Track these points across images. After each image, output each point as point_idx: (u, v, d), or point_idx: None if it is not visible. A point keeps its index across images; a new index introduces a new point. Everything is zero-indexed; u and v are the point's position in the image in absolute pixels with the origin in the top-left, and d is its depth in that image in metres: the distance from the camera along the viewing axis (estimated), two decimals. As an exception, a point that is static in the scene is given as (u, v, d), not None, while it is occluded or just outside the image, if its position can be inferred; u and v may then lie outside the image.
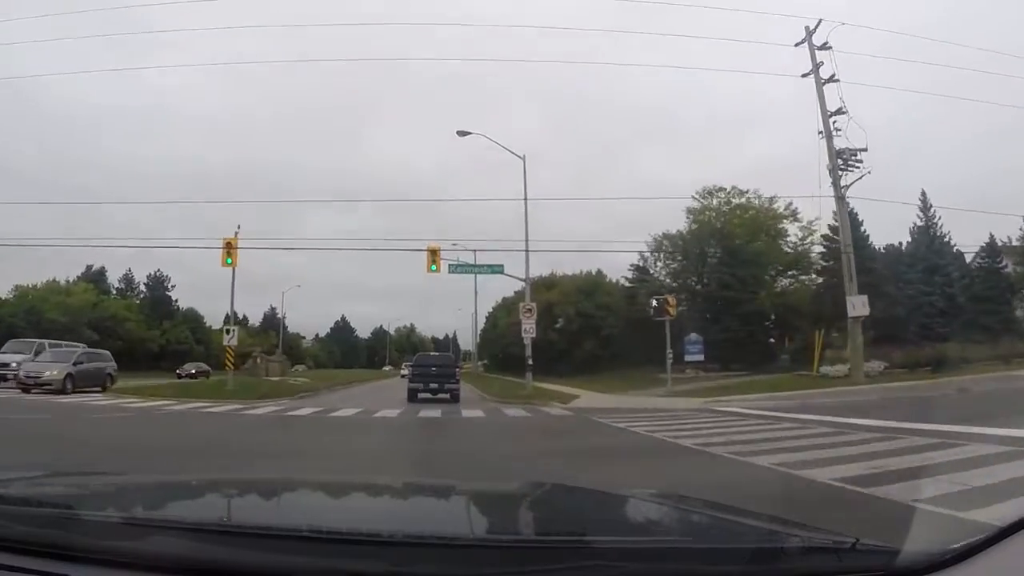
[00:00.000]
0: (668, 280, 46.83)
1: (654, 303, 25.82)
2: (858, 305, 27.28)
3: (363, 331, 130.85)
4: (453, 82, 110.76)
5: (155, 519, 1.54)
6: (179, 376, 44.47)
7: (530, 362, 26.75)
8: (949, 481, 5.86)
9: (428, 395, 22.04)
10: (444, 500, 2.22)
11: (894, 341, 33.89)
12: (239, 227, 26.82)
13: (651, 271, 48.28)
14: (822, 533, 1.47)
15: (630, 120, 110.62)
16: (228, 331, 25.89)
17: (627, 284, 49.25)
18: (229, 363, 25.97)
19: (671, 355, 24.66)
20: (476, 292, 57.86)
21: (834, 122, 28.86)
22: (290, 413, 17.24)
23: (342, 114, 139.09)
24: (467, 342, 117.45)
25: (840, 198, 28.92)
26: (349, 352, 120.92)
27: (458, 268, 27.79)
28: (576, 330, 44.90)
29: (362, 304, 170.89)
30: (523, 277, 28.38)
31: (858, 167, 28.59)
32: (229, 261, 25.87)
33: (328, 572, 1.24)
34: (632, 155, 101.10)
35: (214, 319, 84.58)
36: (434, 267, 26.48)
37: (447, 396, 22.00)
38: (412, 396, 21.95)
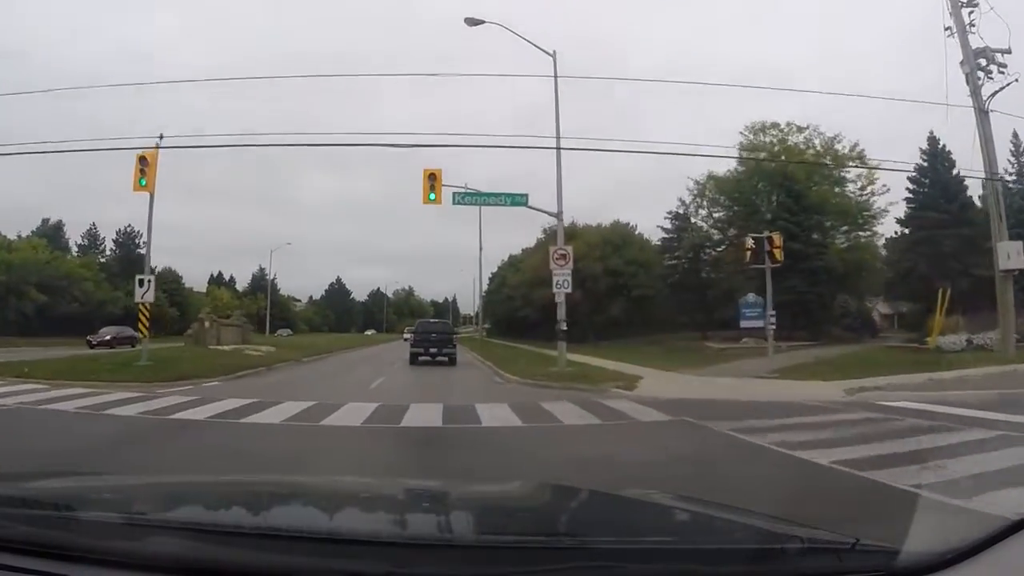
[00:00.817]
0: (713, 231, 39.17)
1: (751, 243, 18.16)
2: (1013, 254, 20.20)
3: (360, 294, 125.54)
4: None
5: (155, 520, 1.52)
6: (91, 345, 33.60)
7: (563, 327, 19.32)
8: None
9: (428, 358, 24.53)
10: (443, 501, 2.15)
11: (985, 308, 26.35)
12: (161, 137, 19.23)
13: (692, 219, 40.38)
14: (822, 533, 1.42)
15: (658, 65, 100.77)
16: (141, 282, 18.12)
17: (664, 235, 41.39)
18: (143, 327, 18.38)
19: (774, 319, 17.27)
20: (480, 245, 50.60)
21: (969, 13, 21.57)
22: (178, 415, 9.93)
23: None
24: (467, 306, 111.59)
25: (983, 111, 21.36)
26: (344, 315, 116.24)
27: (465, 197, 20.07)
28: (603, 289, 37.18)
29: (360, 267, 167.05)
30: (553, 211, 20.70)
31: (1002, 73, 21.50)
32: (143, 183, 18.32)
33: (328, 573, 1.22)
34: (665, 110, 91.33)
35: (197, 280, 77.68)
36: (433, 196, 18.99)
37: (445, 359, 24.54)
38: (413, 359, 24.63)
